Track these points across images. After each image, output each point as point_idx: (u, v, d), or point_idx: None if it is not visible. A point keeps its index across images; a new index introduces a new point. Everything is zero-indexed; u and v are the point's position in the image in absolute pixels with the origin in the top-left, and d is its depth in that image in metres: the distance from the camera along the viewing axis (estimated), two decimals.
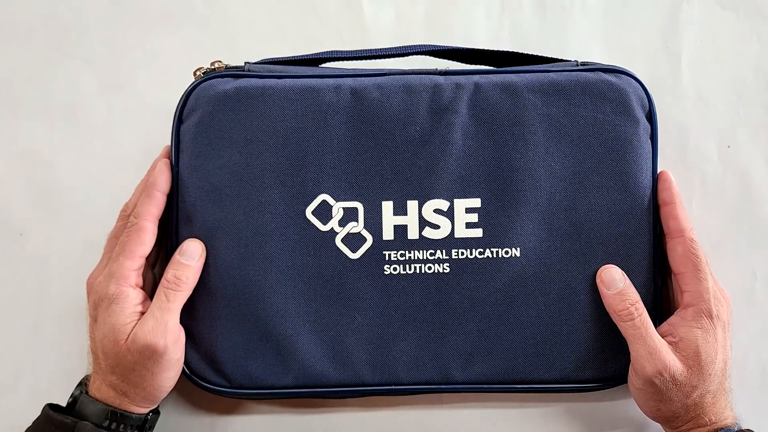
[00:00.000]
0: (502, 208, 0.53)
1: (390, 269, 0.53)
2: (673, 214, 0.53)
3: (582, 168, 0.53)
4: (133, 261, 0.51)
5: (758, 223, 0.59)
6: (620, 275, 0.52)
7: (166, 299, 0.50)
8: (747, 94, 0.61)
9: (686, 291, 0.51)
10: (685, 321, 0.51)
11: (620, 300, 0.51)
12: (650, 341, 0.49)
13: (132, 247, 0.51)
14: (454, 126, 0.53)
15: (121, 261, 0.50)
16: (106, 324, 0.50)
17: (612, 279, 0.52)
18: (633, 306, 0.51)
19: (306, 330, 0.52)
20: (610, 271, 0.52)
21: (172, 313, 0.50)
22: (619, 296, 0.51)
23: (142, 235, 0.51)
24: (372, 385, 0.53)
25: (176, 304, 0.51)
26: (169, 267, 0.52)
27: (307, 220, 0.53)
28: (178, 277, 0.51)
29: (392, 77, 0.54)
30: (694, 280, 0.51)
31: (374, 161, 0.53)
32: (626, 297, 0.51)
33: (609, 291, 0.52)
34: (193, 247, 0.52)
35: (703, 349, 0.49)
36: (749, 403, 0.57)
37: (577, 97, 0.53)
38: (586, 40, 0.62)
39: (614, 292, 0.51)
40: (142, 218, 0.51)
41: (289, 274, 0.52)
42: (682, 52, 0.61)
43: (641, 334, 0.50)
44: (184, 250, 0.52)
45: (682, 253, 0.52)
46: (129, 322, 0.49)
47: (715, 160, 0.60)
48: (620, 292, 0.51)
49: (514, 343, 0.53)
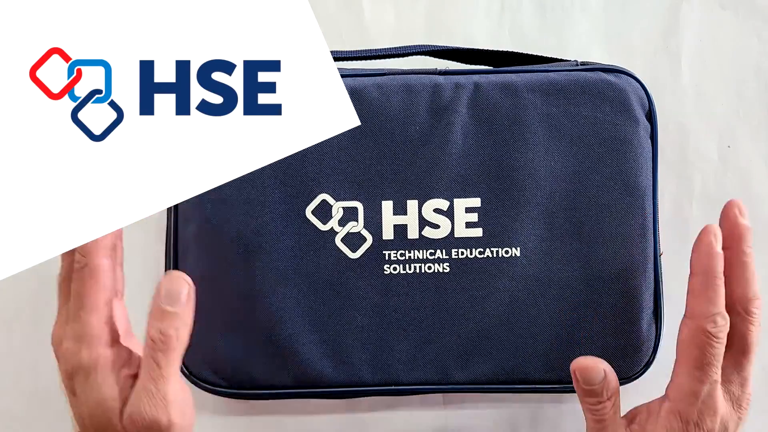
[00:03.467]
0: (502, 208, 0.53)
1: (390, 269, 0.53)
2: (698, 289, 0.43)
3: (582, 167, 0.53)
4: (99, 313, 0.40)
5: (758, 223, 0.59)
6: (600, 374, 0.44)
7: (157, 366, 0.39)
8: (747, 94, 0.61)
9: (673, 381, 0.44)
10: (655, 416, 0.44)
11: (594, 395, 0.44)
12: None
13: (92, 298, 0.40)
14: (454, 126, 0.53)
15: (83, 318, 0.40)
16: (90, 399, 0.40)
17: (592, 377, 0.44)
18: (608, 402, 0.44)
19: (305, 330, 0.52)
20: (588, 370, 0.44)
21: (169, 380, 0.40)
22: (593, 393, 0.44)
23: (99, 277, 0.41)
24: (372, 385, 0.53)
25: (172, 368, 0.40)
26: (151, 319, 0.40)
27: (306, 219, 0.53)
28: (164, 333, 0.40)
29: (392, 77, 0.54)
30: (685, 375, 0.43)
31: (374, 161, 0.53)
32: (604, 392, 0.44)
33: (584, 386, 0.44)
34: (176, 284, 0.41)
35: None
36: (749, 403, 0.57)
37: (577, 97, 0.53)
38: (586, 40, 0.62)
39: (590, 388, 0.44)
40: (93, 255, 0.41)
41: (289, 274, 0.52)
42: (682, 52, 0.61)
43: (604, 429, 0.44)
44: (165, 292, 0.40)
45: (688, 339, 0.43)
46: (118, 393, 0.40)
47: (715, 160, 0.60)
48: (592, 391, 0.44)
49: (514, 343, 0.53)
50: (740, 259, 0.43)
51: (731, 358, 0.44)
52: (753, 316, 0.43)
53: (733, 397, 0.44)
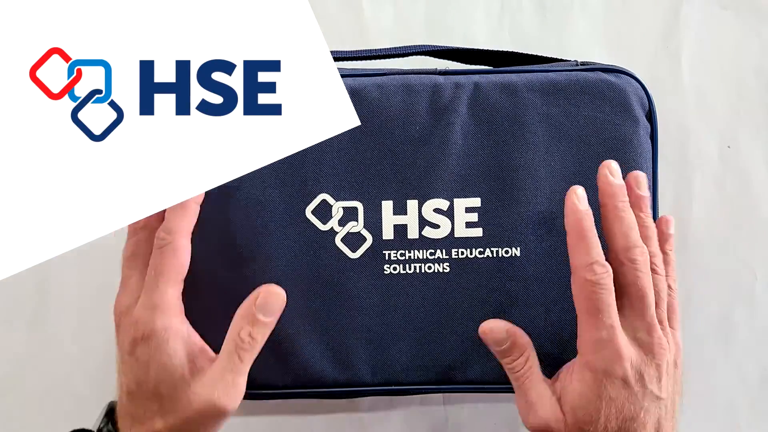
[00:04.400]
0: (503, 208, 0.53)
1: (390, 269, 0.53)
2: (571, 245, 0.46)
3: (582, 167, 0.53)
4: (176, 288, 0.46)
5: (758, 223, 0.59)
6: (504, 334, 0.47)
7: (240, 360, 0.45)
8: (747, 94, 0.61)
9: (578, 336, 0.46)
10: (571, 371, 0.46)
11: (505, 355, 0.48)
12: (530, 394, 0.46)
13: (171, 272, 0.45)
14: (454, 126, 0.53)
15: (162, 289, 0.45)
16: (160, 365, 0.44)
17: (498, 339, 0.48)
18: (521, 357, 0.47)
19: (305, 329, 0.53)
20: (492, 331, 0.48)
21: (244, 375, 0.45)
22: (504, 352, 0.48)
23: (180, 255, 0.46)
24: (372, 385, 0.53)
25: (247, 366, 0.46)
26: (242, 321, 0.46)
27: (306, 219, 0.53)
28: (253, 337, 0.45)
29: (392, 77, 0.54)
30: (583, 325, 0.45)
31: (374, 161, 0.53)
32: (513, 351, 0.47)
33: (495, 348, 0.48)
34: (274, 299, 0.46)
35: (580, 406, 0.44)
36: (749, 403, 0.57)
37: (577, 97, 0.53)
38: (586, 40, 0.62)
39: (500, 349, 0.48)
40: (178, 235, 0.46)
41: (289, 274, 0.52)
42: (682, 52, 0.61)
43: (523, 385, 0.47)
44: (264, 304, 0.46)
45: (576, 291, 0.45)
46: (187, 364, 0.45)
47: (715, 160, 0.60)
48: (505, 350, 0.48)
49: None
50: (616, 214, 0.46)
51: (630, 306, 0.45)
52: (637, 264, 0.45)
53: (641, 343, 0.45)
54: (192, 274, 0.53)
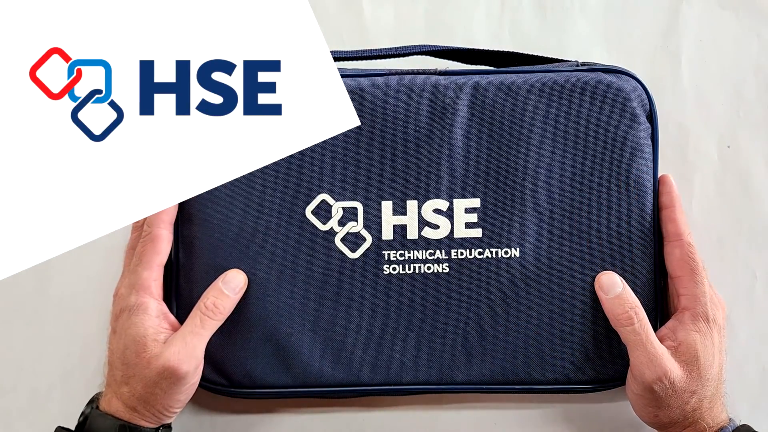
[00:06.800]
0: (502, 208, 0.53)
1: (389, 269, 0.53)
2: (672, 217, 0.53)
3: (582, 168, 0.53)
4: (151, 271, 0.51)
5: (758, 223, 0.59)
6: (619, 280, 0.52)
7: (201, 325, 0.50)
8: (747, 94, 0.61)
9: (683, 295, 0.52)
10: (682, 325, 0.51)
11: (619, 304, 0.51)
12: (650, 347, 0.49)
13: (149, 257, 0.51)
14: (454, 126, 0.53)
15: (139, 272, 0.51)
16: (128, 335, 0.49)
17: (611, 283, 0.51)
18: (632, 310, 0.50)
19: (305, 329, 0.53)
20: (609, 275, 0.52)
21: (203, 340, 0.50)
22: (618, 300, 0.51)
23: (158, 244, 0.51)
24: (371, 385, 0.53)
25: (208, 332, 0.50)
26: (209, 292, 0.51)
27: (306, 219, 0.53)
28: (216, 306, 0.50)
29: (392, 77, 0.54)
30: (690, 283, 0.51)
31: (374, 161, 0.53)
32: (625, 301, 0.51)
33: (608, 295, 0.51)
34: (238, 279, 0.52)
35: (702, 353, 0.49)
36: (749, 403, 0.57)
37: (577, 98, 0.53)
38: (586, 40, 0.62)
39: (613, 296, 0.51)
40: (155, 226, 0.51)
41: (289, 274, 0.52)
42: (682, 52, 0.61)
43: (641, 339, 0.49)
44: (228, 279, 0.52)
45: (680, 256, 0.52)
46: (150, 334, 0.49)
47: (715, 160, 0.60)
48: (619, 296, 0.51)
49: (513, 343, 0.53)
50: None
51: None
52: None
53: None
54: (192, 273, 0.53)
